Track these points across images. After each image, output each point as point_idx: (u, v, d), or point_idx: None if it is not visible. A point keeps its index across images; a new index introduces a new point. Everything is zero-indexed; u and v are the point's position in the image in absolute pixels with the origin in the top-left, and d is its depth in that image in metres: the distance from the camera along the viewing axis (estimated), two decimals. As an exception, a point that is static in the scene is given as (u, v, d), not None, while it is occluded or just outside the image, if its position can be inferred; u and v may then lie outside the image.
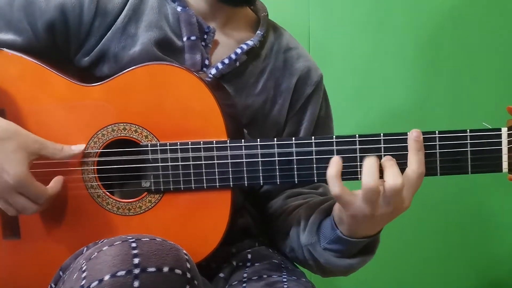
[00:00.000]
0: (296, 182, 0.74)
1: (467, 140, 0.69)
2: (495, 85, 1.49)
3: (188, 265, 0.62)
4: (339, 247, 0.76)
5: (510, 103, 0.69)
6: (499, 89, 1.49)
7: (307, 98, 0.92)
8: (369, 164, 0.68)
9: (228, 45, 0.88)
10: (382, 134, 0.71)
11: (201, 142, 0.74)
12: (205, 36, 0.85)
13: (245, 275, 0.82)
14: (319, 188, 0.92)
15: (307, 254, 0.81)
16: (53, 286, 0.73)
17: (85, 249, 0.72)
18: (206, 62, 0.84)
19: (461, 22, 1.48)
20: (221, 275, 0.83)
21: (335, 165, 0.69)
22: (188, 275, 0.61)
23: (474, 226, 1.56)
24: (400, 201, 0.68)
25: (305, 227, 0.80)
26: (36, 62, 0.79)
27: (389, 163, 0.69)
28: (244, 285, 0.79)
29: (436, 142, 0.70)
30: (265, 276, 0.80)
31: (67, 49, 0.83)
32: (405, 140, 0.70)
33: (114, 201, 0.77)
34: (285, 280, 0.78)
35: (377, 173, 0.67)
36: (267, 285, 0.77)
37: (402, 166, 0.70)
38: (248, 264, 0.85)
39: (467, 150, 0.69)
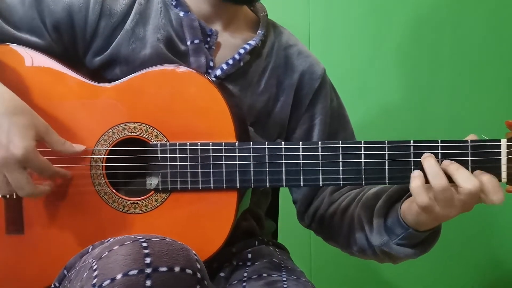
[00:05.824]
0: (302, 185, 0.75)
1: (468, 150, 0.72)
2: (495, 86, 1.50)
3: (198, 266, 0.63)
4: (412, 241, 0.78)
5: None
6: (499, 89, 1.49)
7: (315, 92, 0.93)
8: (430, 165, 0.71)
9: (231, 46, 0.89)
10: (386, 142, 0.73)
11: (210, 143, 0.75)
12: (208, 39, 0.86)
13: (245, 274, 0.82)
14: None
15: (379, 252, 0.82)
16: (56, 285, 0.72)
17: (91, 248, 0.72)
18: (211, 64, 0.85)
19: (461, 23, 1.49)
20: (222, 274, 0.84)
21: (418, 177, 0.71)
22: (199, 275, 0.62)
23: (474, 225, 1.54)
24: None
25: (371, 230, 0.82)
26: (49, 59, 0.79)
27: (454, 166, 0.70)
28: (244, 284, 0.79)
29: (438, 150, 0.72)
30: (264, 275, 0.81)
31: (75, 49, 0.83)
32: (409, 148, 0.72)
33: (120, 199, 0.77)
34: (284, 279, 0.79)
35: (442, 172, 0.69)
36: (266, 284, 0.78)
37: (406, 173, 0.72)
38: (249, 263, 0.86)
39: (468, 160, 0.72)
